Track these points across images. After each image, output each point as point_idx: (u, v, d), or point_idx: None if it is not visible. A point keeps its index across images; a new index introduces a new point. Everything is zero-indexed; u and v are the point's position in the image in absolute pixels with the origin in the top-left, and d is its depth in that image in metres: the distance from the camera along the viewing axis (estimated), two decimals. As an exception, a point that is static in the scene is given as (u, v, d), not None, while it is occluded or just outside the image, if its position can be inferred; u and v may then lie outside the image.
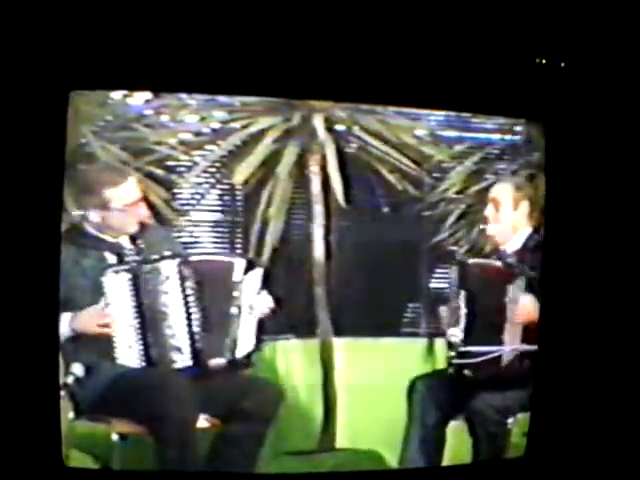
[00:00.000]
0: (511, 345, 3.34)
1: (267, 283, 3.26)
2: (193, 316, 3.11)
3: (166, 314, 3.09)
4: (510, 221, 3.48)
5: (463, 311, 3.38)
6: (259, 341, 3.22)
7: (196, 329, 3.11)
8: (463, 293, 3.39)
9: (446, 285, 3.56)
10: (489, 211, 3.51)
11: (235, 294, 3.16)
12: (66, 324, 2.98)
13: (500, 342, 3.35)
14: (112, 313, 3.04)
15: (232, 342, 3.15)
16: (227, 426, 3.13)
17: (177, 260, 3.11)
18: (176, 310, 3.10)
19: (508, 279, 3.37)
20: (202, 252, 3.44)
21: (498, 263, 3.44)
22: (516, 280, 3.36)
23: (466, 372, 3.37)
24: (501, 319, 3.35)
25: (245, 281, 3.18)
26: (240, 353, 3.17)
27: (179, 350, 3.09)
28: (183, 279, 3.10)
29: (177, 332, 3.09)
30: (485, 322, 3.39)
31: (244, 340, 3.18)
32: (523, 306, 3.33)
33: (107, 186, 3.10)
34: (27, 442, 2.79)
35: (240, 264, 3.19)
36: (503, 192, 3.49)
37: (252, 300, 3.19)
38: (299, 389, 3.59)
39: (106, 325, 3.03)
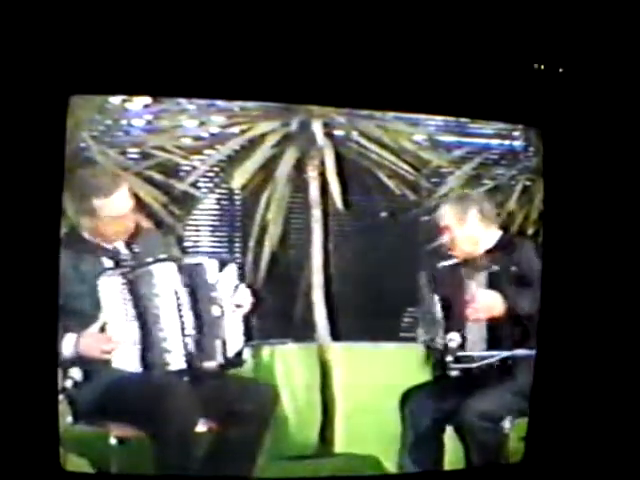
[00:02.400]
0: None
1: (244, 278, 3.25)
2: (184, 319, 3.11)
3: (158, 317, 3.09)
4: (465, 235, 3.46)
5: (438, 315, 3.39)
6: (248, 338, 3.21)
7: (187, 332, 3.11)
8: (436, 297, 3.41)
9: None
10: (445, 239, 3.46)
11: (213, 295, 3.16)
12: (70, 346, 2.98)
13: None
14: (114, 334, 3.04)
15: (220, 343, 3.15)
16: (225, 430, 3.12)
17: (166, 264, 3.11)
18: (168, 313, 3.10)
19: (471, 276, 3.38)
20: (196, 256, 3.44)
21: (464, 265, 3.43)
22: (476, 276, 3.37)
23: (463, 377, 3.37)
24: (464, 317, 3.36)
25: (221, 280, 3.18)
26: (230, 352, 3.17)
27: (171, 353, 3.09)
28: (172, 282, 3.11)
29: (169, 335, 3.10)
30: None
31: (232, 339, 3.18)
32: (482, 301, 3.34)
33: (99, 195, 3.08)
34: (25, 446, 2.78)
35: (212, 265, 3.18)
36: (445, 216, 3.45)
37: (232, 298, 3.19)
38: (297, 393, 3.59)
39: (110, 350, 3.03)
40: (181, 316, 3.12)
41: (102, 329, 3.04)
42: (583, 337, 3.27)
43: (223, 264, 3.21)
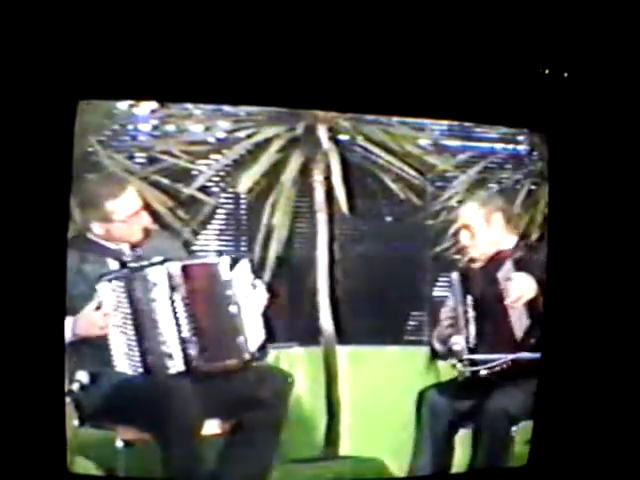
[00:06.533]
0: (516, 349, 3.35)
1: (259, 274, 3.26)
2: (182, 321, 3.12)
3: (157, 320, 3.10)
4: (488, 239, 3.47)
5: (470, 315, 3.40)
6: (266, 339, 3.21)
7: (186, 334, 3.11)
8: (469, 298, 3.41)
9: (448, 292, 3.58)
10: (464, 237, 3.49)
11: (226, 294, 3.15)
12: (68, 330, 2.99)
13: (508, 343, 3.36)
14: (109, 315, 3.06)
15: (233, 343, 3.15)
16: (232, 433, 3.13)
17: (165, 266, 3.12)
18: (167, 316, 3.11)
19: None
20: (194, 258, 3.43)
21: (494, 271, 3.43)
22: (504, 265, 3.37)
23: (470, 380, 3.38)
24: (504, 317, 3.36)
25: (234, 278, 3.18)
26: (245, 355, 3.17)
27: (170, 356, 3.09)
28: (171, 284, 3.11)
29: (168, 338, 3.10)
30: (489, 325, 3.41)
31: (251, 339, 3.18)
32: (516, 284, 3.33)
33: (107, 198, 3.11)
34: (32, 448, 2.80)
35: (224, 263, 3.18)
36: (471, 214, 3.48)
37: (248, 296, 3.19)
38: (303, 397, 3.59)
39: (106, 327, 3.04)
40: (174, 318, 3.11)
41: (97, 308, 3.05)
42: (588, 341, 3.27)
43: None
